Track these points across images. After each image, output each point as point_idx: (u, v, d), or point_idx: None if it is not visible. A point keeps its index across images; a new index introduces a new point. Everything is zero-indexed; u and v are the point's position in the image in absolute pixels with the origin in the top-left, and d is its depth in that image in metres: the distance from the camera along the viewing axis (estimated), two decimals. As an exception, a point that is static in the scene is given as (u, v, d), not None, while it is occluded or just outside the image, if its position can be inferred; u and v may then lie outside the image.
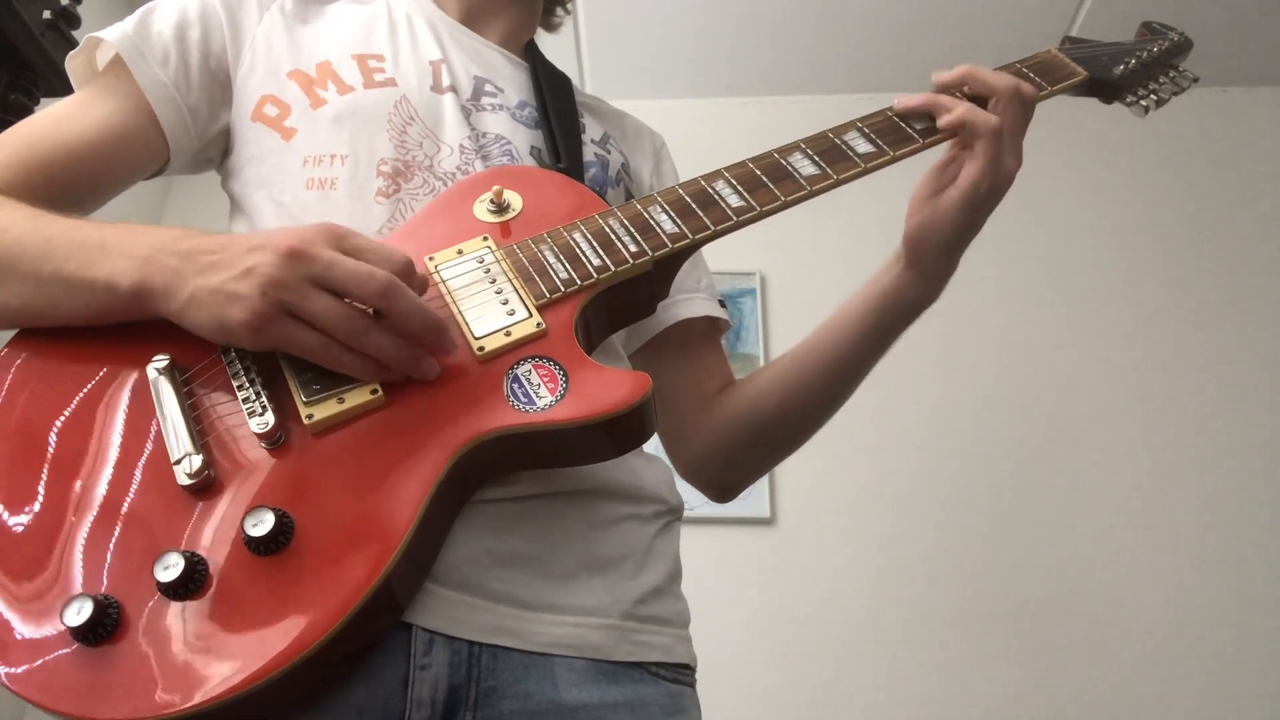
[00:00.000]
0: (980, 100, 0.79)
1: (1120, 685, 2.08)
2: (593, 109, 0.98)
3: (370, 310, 0.61)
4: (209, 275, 0.60)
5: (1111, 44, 0.91)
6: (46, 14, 1.47)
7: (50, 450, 0.61)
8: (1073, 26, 2.49)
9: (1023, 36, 2.45)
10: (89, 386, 0.64)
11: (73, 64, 0.82)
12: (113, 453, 0.61)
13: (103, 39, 0.80)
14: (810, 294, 2.45)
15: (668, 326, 0.94)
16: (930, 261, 0.80)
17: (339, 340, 0.60)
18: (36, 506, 0.58)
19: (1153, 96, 0.88)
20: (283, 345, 0.61)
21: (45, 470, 0.60)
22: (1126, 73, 0.88)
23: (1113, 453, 2.29)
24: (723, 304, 0.99)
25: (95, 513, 0.58)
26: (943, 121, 0.79)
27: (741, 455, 0.93)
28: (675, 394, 0.95)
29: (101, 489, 0.59)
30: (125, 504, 0.58)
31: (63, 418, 0.62)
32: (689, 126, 2.33)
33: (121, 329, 0.65)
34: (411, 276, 0.63)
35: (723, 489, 0.97)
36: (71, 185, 0.76)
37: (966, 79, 0.80)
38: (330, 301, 0.59)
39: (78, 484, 0.59)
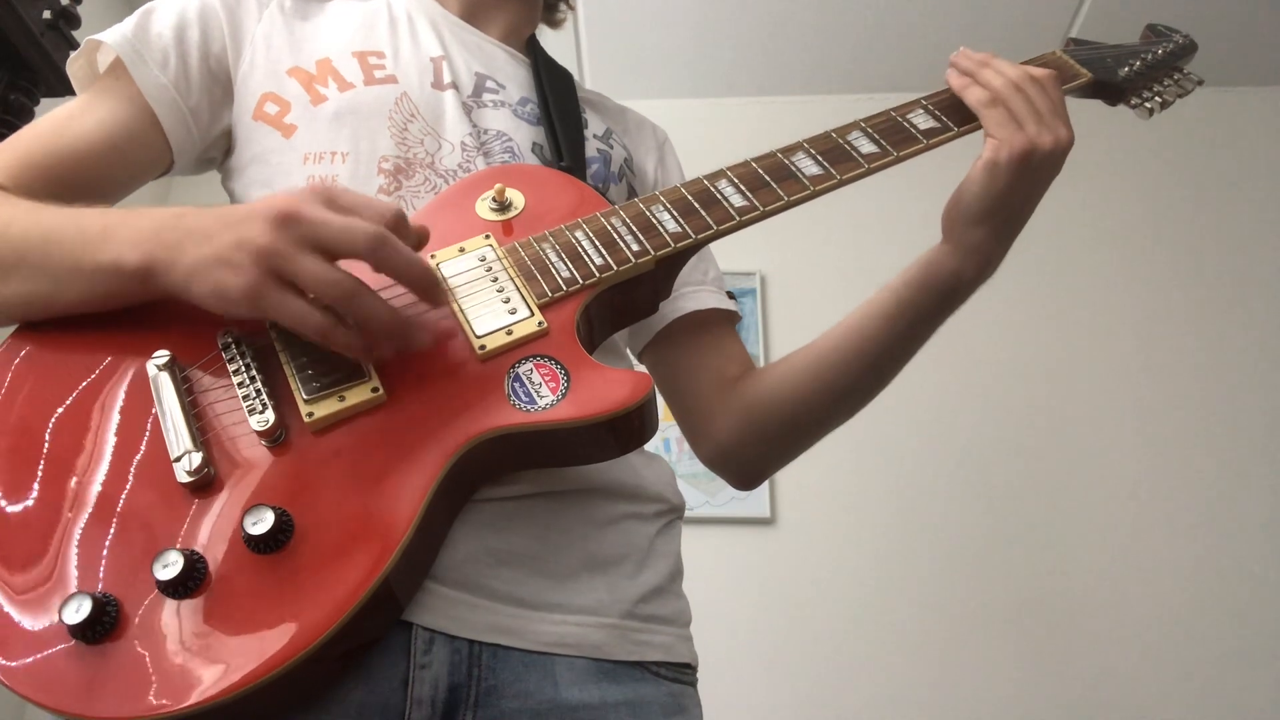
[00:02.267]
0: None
1: (1119, 685, 2.08)
2: (595, 104, 0.97)
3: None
4: (205, 245, 0.60)
5: (1115, 46, 0.91)
6: (46, 14, 1.47)
7: (50, 447, 0.60)
8: (1072, 27, 2.50)
9: (1023, 37, 2.45)
10: (90, 383, 0.64)
11: (73, 67, 0.82)
12: (112, 450, 0.60)
13: (102, 42, 0.79)
14: (810, 294, 2.46)
15: (674, 320, 0.93)
16: (960, 232, 0.79)
17: (331, 305, 0.60)
18: (36, 504, 0.58)
19: (1157, 99, 0.87)
20: (277, 315, 0.60)
21: (45, 467, 0.60)
22: (1131, 75, 0.87)
23: (1112, 453, 2.29)
24: (731, 295, 0.98)
25: (94, 510, 0.58)
26: (950, 80, 0.81)
27: (768, 440, 0.90)
28: (692, 384, 0.94)
29: (101, 486, 0.59)
30: (124, 501, 0.58)
31: (63, 414, 0.62)
32: (689, 126, 2.32)
33: (122, 324, 0.65)
34: (403, 228, 0.62)
35: (747, 476, 0.95)
36: (75, 189, 0.76)
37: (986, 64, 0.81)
38: (321, 264, 0.59)
39: (77, 481, 0.59)
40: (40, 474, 0.59)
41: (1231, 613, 2.13)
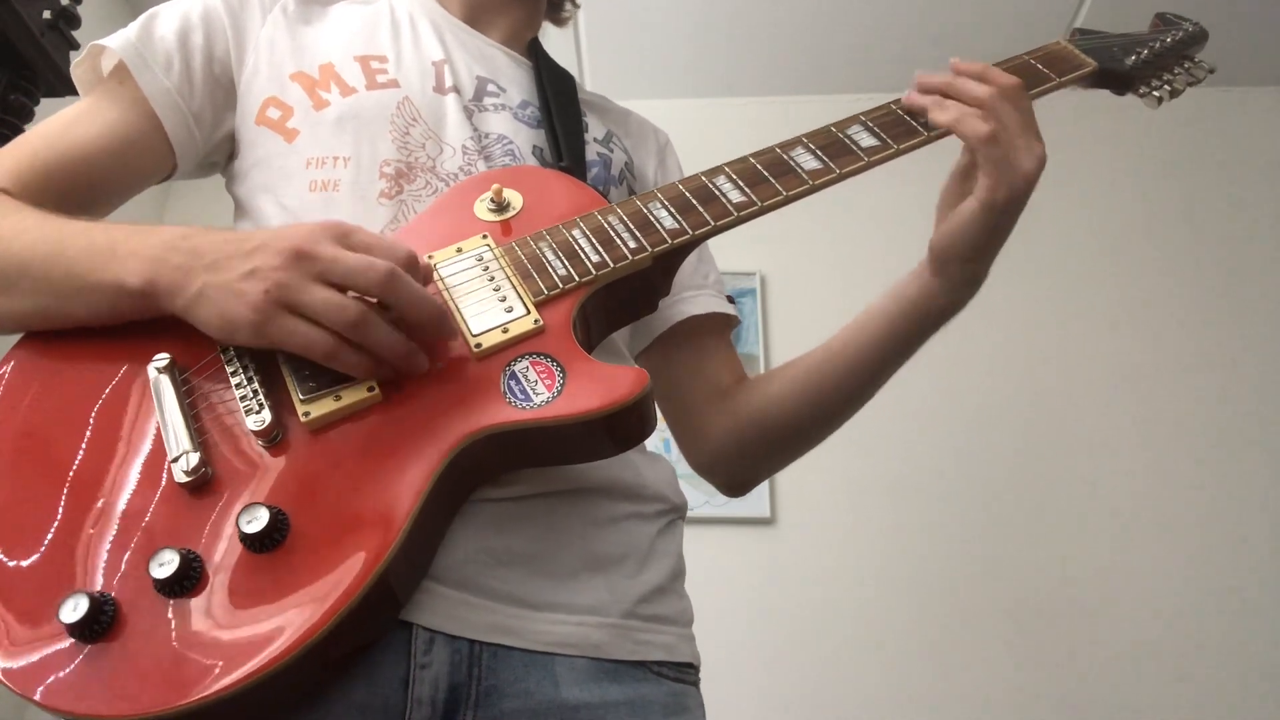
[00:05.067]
0: None
1: (1120, 684, 2.08)
2: (596, 107, 0.97)
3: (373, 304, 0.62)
4: (215, 272, 0.61)
5: (1123, 35, 0.89)
6: (46, 14, 1.47)
7: (51, 450, 0.61)
8: (1072, 26, 2.49)
9: (1023, 36, 2.44)
10: (91, 387, 0.64)
11: (77, 71, 0.83)
12: (112, 451, 0.61)
13: (106, 46, 0.80)
14: (810, 294, 2.46)
15: (675, 323, 0.93)
16: (955, 271, 0.78)
17: (339, 333, 0.60)
18: (36, 504, 0.58)
19: (1166, 88, 0.86)
20: (284, 342, 0.61)
21: (46, 469, 0.60)
22: (1139, 63, 0.86)
23: (1111, 452, 2.29)
24: (731, 300, 0.98)
25: (93, 510, 0.58)
26: (934, 118, 0.76)
27: (755, 452, 0.92)
28: (687, 389, 0.94)
29: (100, 487, 0.59)
30: (123, 501, 0.58)
31: (64, 417, 0.62)
32: (688, 126, 2.32)
33: (124, 330, 0.66)
34: (414, 268, 0.63)
35: (735, 485, 0.96)
36: (78, 192, 0.76)
37: (948, 91, 0.77)
38: (331, 294, 0.60)
39: (77, 482, 0.59)
40: (41, 476, 0.60)
41: (1230, 611, 2.12)
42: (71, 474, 0.60)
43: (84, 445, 0.61)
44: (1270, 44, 2.51)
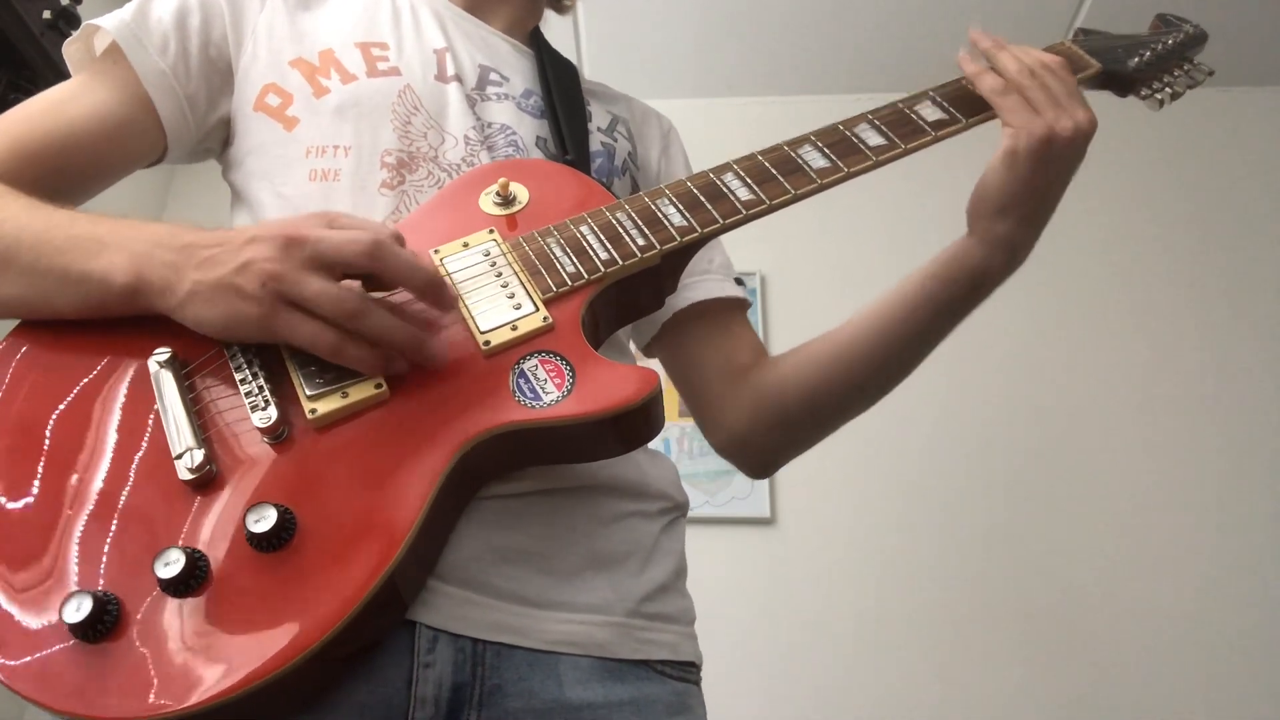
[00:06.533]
0: None
1: (1122, 686, 2.07)
2: (599, 95, 0.97)
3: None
4: (207, 270, 0.60)
5: (1125, 36, 0.90)
6: (46, 14, 1.47)
7: (51, 445, 0.60)
8: (1072, 27, 2.49)
9: (1024, 37, 2.44)
10: (90, 380, 0.63)
11: (69, 50, 0.81)
12: (114, 447, 0.60)
13: (100, 26, 0.78)
14: (810, 294, 2.45)
15: (679, 310, 0.92)
16: (985, 225, 0.78)
17: (339, 324, 0.59)
18: (37, 502, 0.57)
19: (1168, 90, 0.87)
20: (287, 338, 0.60)
21: (46, 465, 0.59)
22: (1141, 65, 0.86)
23: (1114, 454, 2.29)
24: (740, 281, 0.96)
25: (96, 508, 0.57)
26: (965, 68, 0.81)
27: (783, 429, 0.89)
28: (704, 369, 0.92)
29: (102, 484, 0.58)
30: (126, 499, 0.57)
31: (64, 411, 0.61)
32: (689, 126, 2.32)
33: (124, 321, 0.64)
34: (400, 243, 0.63)
35: (760, 464, 0.93)
36: (66, 173, 0.75)
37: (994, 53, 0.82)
38: (326, 284, 0.59)
39: (79, 479, 0.58)
40: (41, 472, 0.59)
41: (1236, 611, 2.12)
42: (72, 471, 0.59)
43: (85, 441, 0.60)
44: (1270, 44, 2.51)
